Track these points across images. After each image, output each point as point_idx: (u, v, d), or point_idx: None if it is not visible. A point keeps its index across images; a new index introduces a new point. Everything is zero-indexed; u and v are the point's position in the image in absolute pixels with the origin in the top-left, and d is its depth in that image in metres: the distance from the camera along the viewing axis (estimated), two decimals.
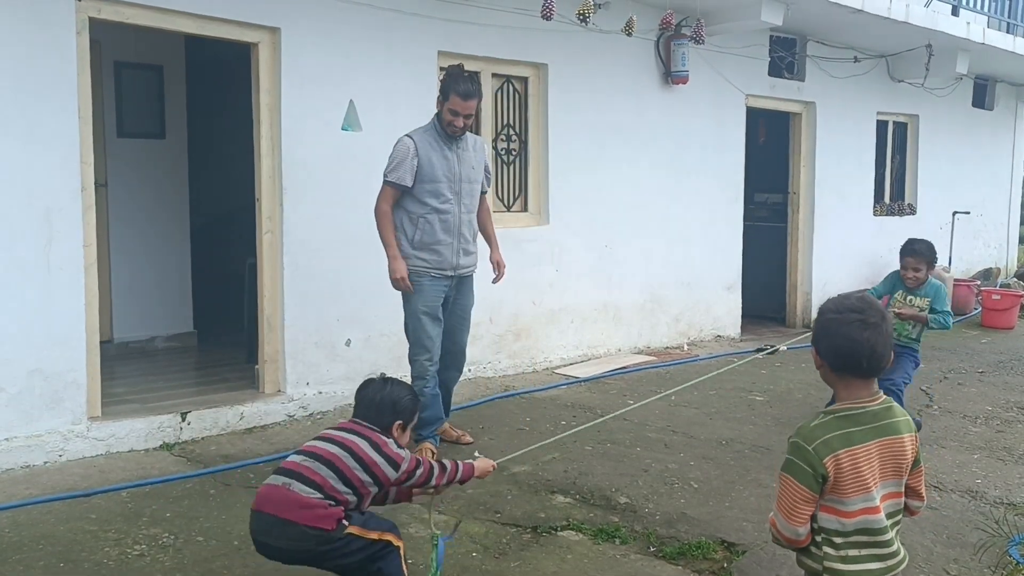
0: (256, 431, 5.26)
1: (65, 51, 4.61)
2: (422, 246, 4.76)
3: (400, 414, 3.10)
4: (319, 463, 2.90)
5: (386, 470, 2.95)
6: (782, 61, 8.72)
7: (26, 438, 4.53)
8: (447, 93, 4.70)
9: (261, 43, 5.40)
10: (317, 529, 2.80)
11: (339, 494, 2.86)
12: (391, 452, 2.98)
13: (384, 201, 4.78)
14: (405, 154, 4.70)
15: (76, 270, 4.70)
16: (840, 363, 2.26)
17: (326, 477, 2.86)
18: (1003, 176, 12.65)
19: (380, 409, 3.07)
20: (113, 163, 6.63)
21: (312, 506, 2.80)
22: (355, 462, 2.91)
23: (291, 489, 2.85)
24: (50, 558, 3.51)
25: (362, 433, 3.01)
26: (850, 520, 2.23)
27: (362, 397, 3.14)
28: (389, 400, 3.09)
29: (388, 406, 3.08)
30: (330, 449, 2.94)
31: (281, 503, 2.84)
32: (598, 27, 6.68)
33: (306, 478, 2.86)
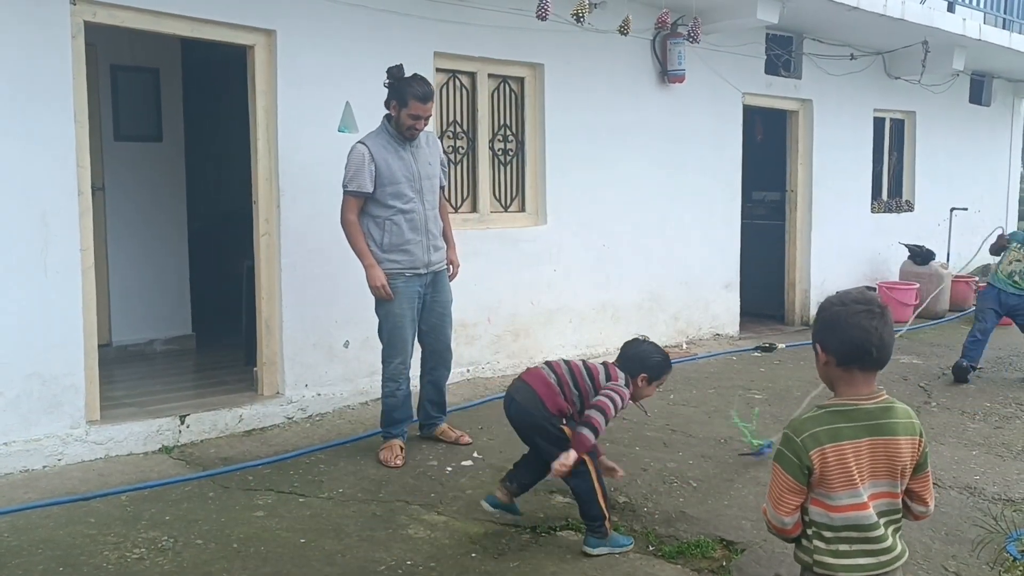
0: (255, 433, 5.27)
1: (61, 55, 4.61)
2: (392, 248, 4.78)
3: (647, 368, 3.83)
4: (568, 368, 3.83)
5: (601, 377, 3.79)
6: (779, 59, 8.72)
7: (24, 442, 4.53)
8: (404, 99, 4.70)
9: (257, 45, 5.40)
10: (544, 404, 3.72)
11: (570, 392, 3.77)
12: (615, 374, 3.81)
13: (349, 211, 4.76)
14: (361, 161, 4.70)
15: (73, 274, 4.69)
16: (849, 355, 2.25)
17: (567, 378, 3.79)
18: (1001, 172, 12.66)
19: (632, 360, 3.84)
20: (110, 166, 6.63)
21: (552, 388, 3.74)
22: (587, 374, 3.81)
23: (546, 375, 3.80)
24: (49, 562, 3.51)
25: (608, 365, 3.86)
26: (838, 515, 2.24)
27: (622, 351, 3.93)
28: (640, 355, 3.86)
29: (638, 359, 3.84)
30: (577, 363, 3.88)
31: (536, 379, 3.80)
32: (594, 27, 6.68)
33: (556, 373, 3.80)
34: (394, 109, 4.79)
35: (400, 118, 4.76)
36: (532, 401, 3.72)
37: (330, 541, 3.74)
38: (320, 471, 4.63)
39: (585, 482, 3.65)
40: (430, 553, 3.64)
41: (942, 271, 9.93)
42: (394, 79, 4.79)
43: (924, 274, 9.82)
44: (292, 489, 4.36)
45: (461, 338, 6.44)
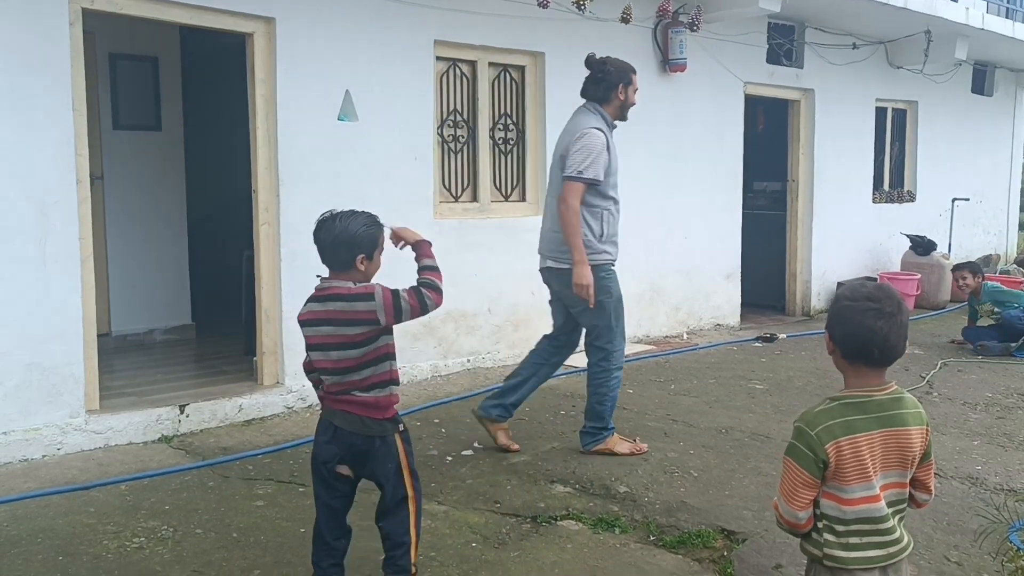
0: (255, 423, 5.26)
1: (59, 43, 4.58)
2: (607, 239, 4.56)
3: (360, 246, 2.96)
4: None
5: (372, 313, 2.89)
6: (780, 48, 8.68)
7: (24, 432, 4.53)
8: (628, 77, 4.63)
9: (256, 33, 5.36)
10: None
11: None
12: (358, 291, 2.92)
13: (575, 198, 4.40)
14: (601, 148, 4.45)
15: (72, 263, 4.68)
16: (852, 351, 2.26)
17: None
18: (1002, 162, 12.63)
19: (336, 249, 2.97)
20: (109, 155, 6.60)
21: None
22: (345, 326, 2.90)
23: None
24: (49, 551, 3.50)
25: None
26: (851, 508, 2.23)
27: (319, 241, 3.01)
28: (345, 237, 2.95)
29: (344, 244, 2.95)
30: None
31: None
32: (595, 15, 6.64)
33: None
34: (621, 92, 4.64)
35: (628, 98, 4.67)
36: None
37: None
38: None
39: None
40: (430, 543, 3.63)
41: (943, 261, 9.91)
42: (601, 66, 4.63)
43: (925, 264, 9.81)
44: (292, 478, 4.35)
45: (462, 328, 6.44)
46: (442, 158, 6.46)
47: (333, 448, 3.00)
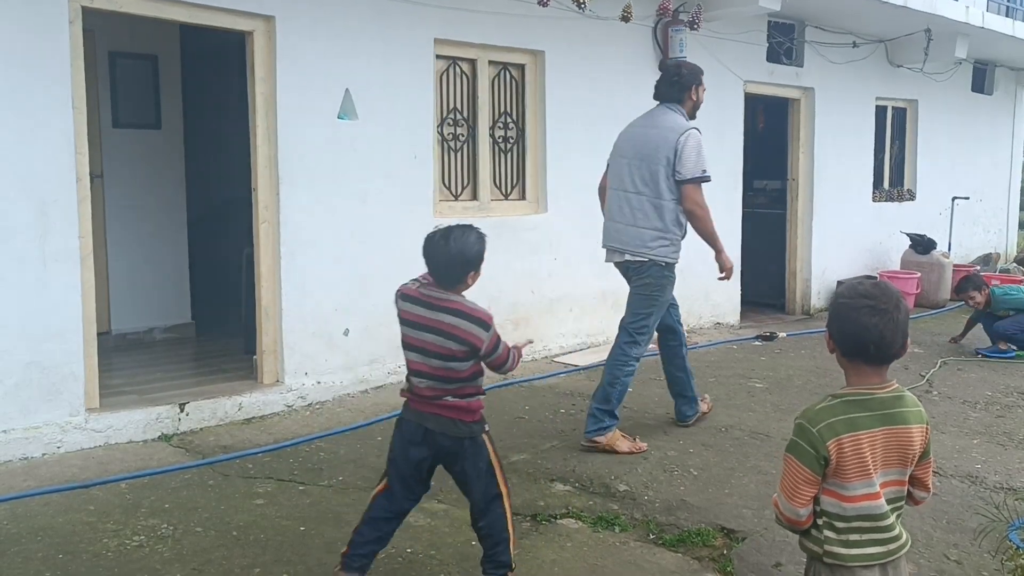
0: (255, 421, 5.26)
1: (58, 41, 4.58)
2: (683, 240, 4.87)
3: (472, 263, 3.06)
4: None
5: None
6: (780, 47, 8.68)
7: (24, 430, 4.52)
8: (699, 79, 5.01)
9: (256, 32, 5.36)
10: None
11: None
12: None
13: (703, 197, 4.76)
14: (703, 146, 4.77)
15: (72, 262, 4.68)
16: (850, 348, 2.27)
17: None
18: (1002, 161, 12.62)
19: (452, 267, 3.03)
20: (108, 154, 6.60)
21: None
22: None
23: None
24: (49, 550, 3.50)
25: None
26: (851, 505, 2.23)
27: (432, 260, 3.07)
28: (461, 257, 3.03)
29: (459, 263, 3.04)
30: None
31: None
32: (595, 13, 6.64)
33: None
34: (693, 93, 4.97)
35: (699, 98, 5.02)
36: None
37: (330, 529, 3.73)
38: (320, 459, 4.63)
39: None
40: (430, 541, 3.63)
41: (943, 260, 9.91)
42: (676, 70, 5.00)
43: (925, 263, 9.80)
44: (292, 477, 4.35)
45: None
46: (442, 156, 6.46)
47: (424, 450, 3.08)
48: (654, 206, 4.75)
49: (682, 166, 4.67)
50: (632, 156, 4.83)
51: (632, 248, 4.78)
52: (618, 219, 4.88)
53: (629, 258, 4.80)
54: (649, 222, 4.74)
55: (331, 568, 3.37)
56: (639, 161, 4.79)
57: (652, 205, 4.75)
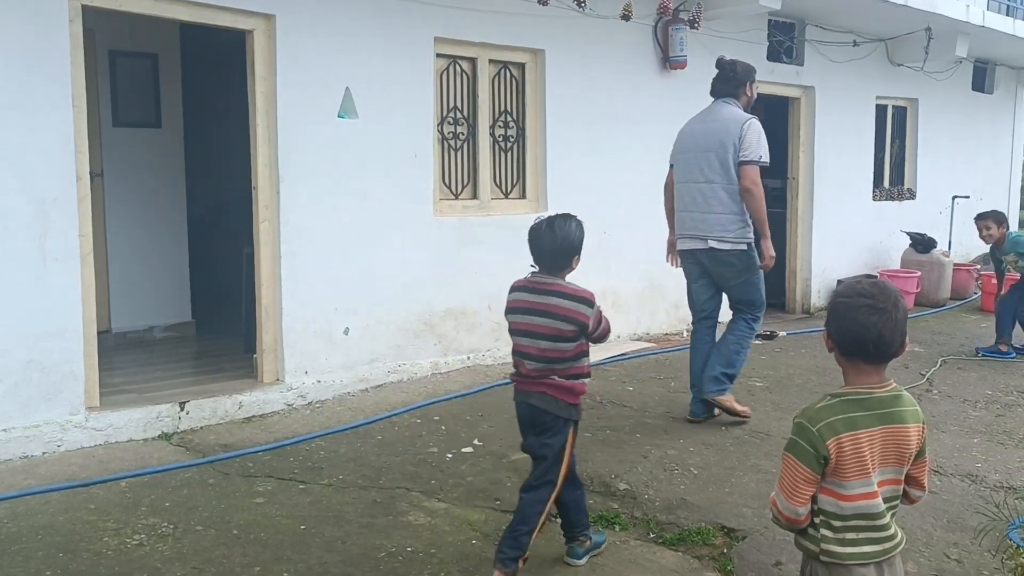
0: (255, 420, 5.26)
1: (58, 39, 4.57)
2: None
3: (576, 248, 3.33)
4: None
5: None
6: (781, 46, 8.67)
7: (24, 429, 4.52)
8: (752, 76, 5.39)
9: (256, 30, 5.36)
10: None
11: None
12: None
13: (760, 180, 5.00)
14: (763, 134, 5.07)
15: (72, 260, 4.67)
16: (848, 347, 2.27)
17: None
18: (1003, 160, 12.62)
19: (558, 253, 3.30)
20: (109, 152, 6.60)
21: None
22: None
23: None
24: (49, 548, 3.50)
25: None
26: (848, 504, 2.23)
27: (539, 247, 3.32)
28: (567, 243, 3.30)
29: (565, 249, 3.30)
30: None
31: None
32: (595, 12, 6.64)
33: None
34: (748, 89, 5.35)
35: (752, 94, 5.37)
36: None
37: (330, 528, 3.74)
38: (320, 458, 4.63)
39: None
40: (430, 540, 3.63)
41: (943, 259, 9.90)
42: (732, 67, 5.36)
43: (926, 262, 9.80)
44: (292, 476, 4.35)
45: (462, 325, 6.44)
46: (442, 155, 6.46)
47: (526, 423, 3.39)
48: (727, 192, 5.05)
49: (744, 149, 4.99)
50: (698, 149, 5.18)
51: (718, 235, 5.10)
52: (693, 208, 5.22)
53: (716, 245, 5.11)
54: (725, 207, 5.06)
55: (331, 566, 3.37)
56: (706, 153, 5.13)
57: (726, 192, 5.06)
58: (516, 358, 3.34)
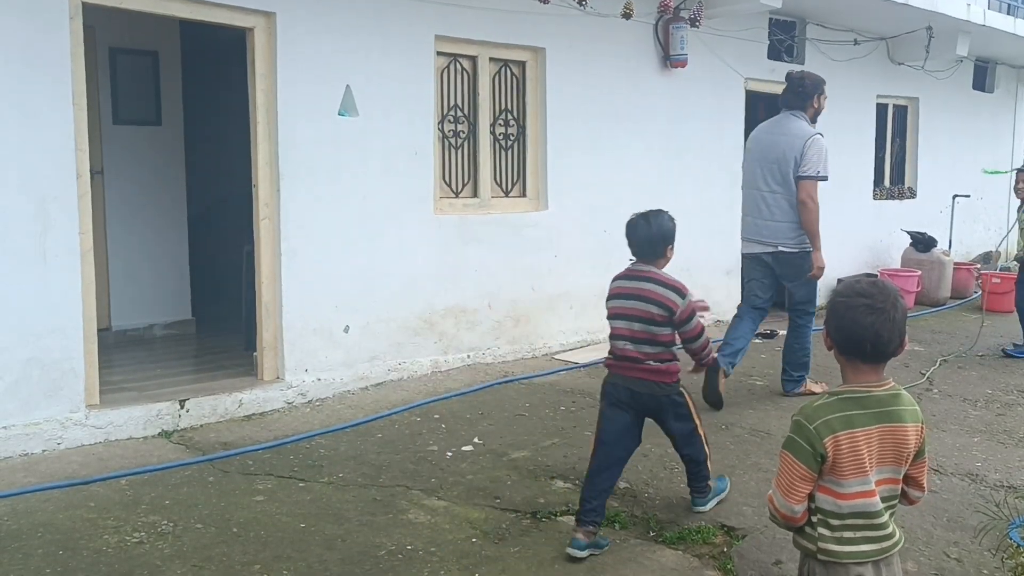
0: (255, 418, 5.26)
1: (59, 37, 4.57)
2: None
3: (669, 238, 3.70)
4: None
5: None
6: (781, 44, 8.67)
7: (24, 426, 4.52)
8: (820, 88, 5.68)
9: (256, 28, 5.35)
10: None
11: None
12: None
13: (816, 195, 5.45)
14: (826, 150, 5.49)
15: (72, 258, 4.67)
16: (846, 346, 2.28)
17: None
18: (1003, 159, 12.61)
19: (655, 243, 3.66)
20: (109, 150, 6.60)
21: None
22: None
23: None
24: (49, 546, 3.50)
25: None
26: (846, 503, 2.24)
27: (636, 238, 3.69)
28: (661, 233, 3.67)
29: (660, 238, 3.67)
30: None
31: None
32: (596, 10, 6.63)
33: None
34: (815, 101, 5.66)
35: (820, 105, 5.69)
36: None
37: (330, 526, 3.74)
38: (320, 456, 4.63)
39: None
40: (430, 538, 3.63)
41: (944, 258, 9.90)
42: (800, 80, 5.67)
43: (926, 261, 9.79)
44: (292, 474, 4.35)
45: (462, 323, 6.44)
46: (442, 153, 6.45)
47: (630, 410, 3.65)
48: (788, 203, 5.51)
49: (804, 165, 5.43)
50: (764, 160, 5.62)
51: (780, 241, 5.57)
52: (756, 215, 5.68)
53: (784, 249, 5.57)
54: (786, 216, 5.53)
55: (331, 564, 3.38)
56: (770, 164, 5.56)
57: (787, 202, 5.51)
58: (613, 342, 3.67)
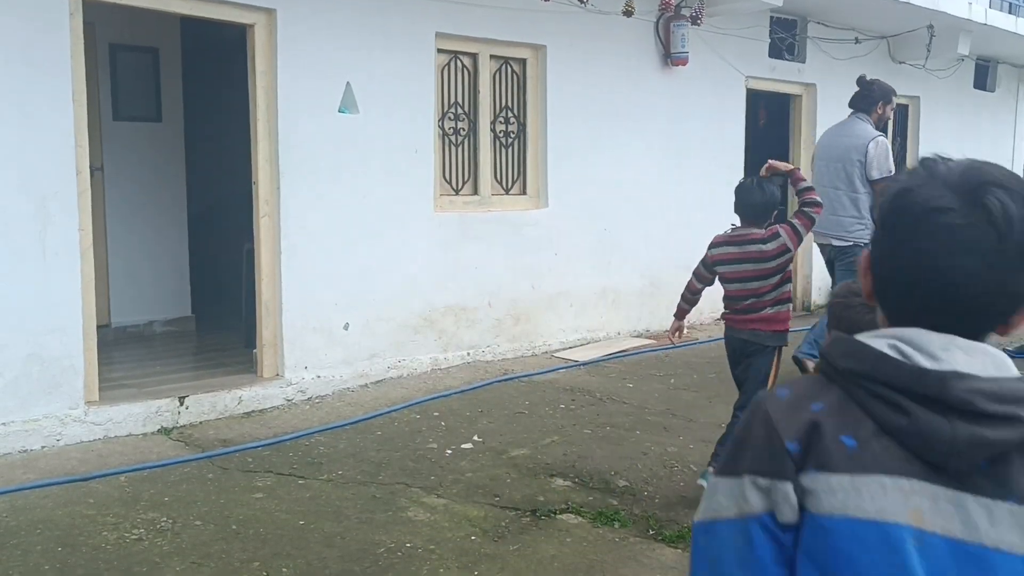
0: (254, 415, 5.25)
1: (59, 34, 4.56)
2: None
3: (775, 204, 4.17)
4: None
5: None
6: (782, 43, 8.66)
7: (23, 423, 4.52)
8: (889, 97, 6.18)
9: (257, 25, 5.35)
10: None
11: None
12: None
13: None
14: (888, 149, 6.01)
15: (72, 255, 4.67)
16: None
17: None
18: (1004, 158, 12.59)
19: (764, 208, 4.12)
20: (109, 147, 6.59)
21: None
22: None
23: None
24: (48, 542, 3.50)
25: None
26: None
27: (746, 202, 4.14)
28: (770, 199, 4.14)
29: (766, 204, 4.13)
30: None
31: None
32: (597, 8, 6.62)
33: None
34: (880, 108, 6.13)
35: (884, 113, 6.17)
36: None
37: (329, 523, 3.73)
38: (319, 453, 4.62)
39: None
40: (430, 536, 3.63)
41: None
42: (869, 86, 6.11)
43: None
44: (291, 471, 4.35)
45: (462, 321, 6.43)
46: (443, 151, 6.45)
47: (736, 355, 4.16)
48: (851, 199, 5.94)
49: (872, 168, 5.87)
50: (830, 159, 6.07)
51: (836, 234, 5.99)
52: (825, 210, 6.25)
53: (835, 243, 6.02)
54: (847, 212, 5.96)
55: (330, 562, 3.37)
56: (836, 163, 6.02)
57: (849, 199, 5.95)
58: (728, 302, 4.16)
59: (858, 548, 1.06)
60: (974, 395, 1.08)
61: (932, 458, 1.07)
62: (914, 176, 1.27)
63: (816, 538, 1.08)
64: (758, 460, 1.13)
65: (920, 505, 1.07)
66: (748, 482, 1.13)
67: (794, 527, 1.10)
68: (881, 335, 1.18)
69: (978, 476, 1.08)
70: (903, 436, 1.08)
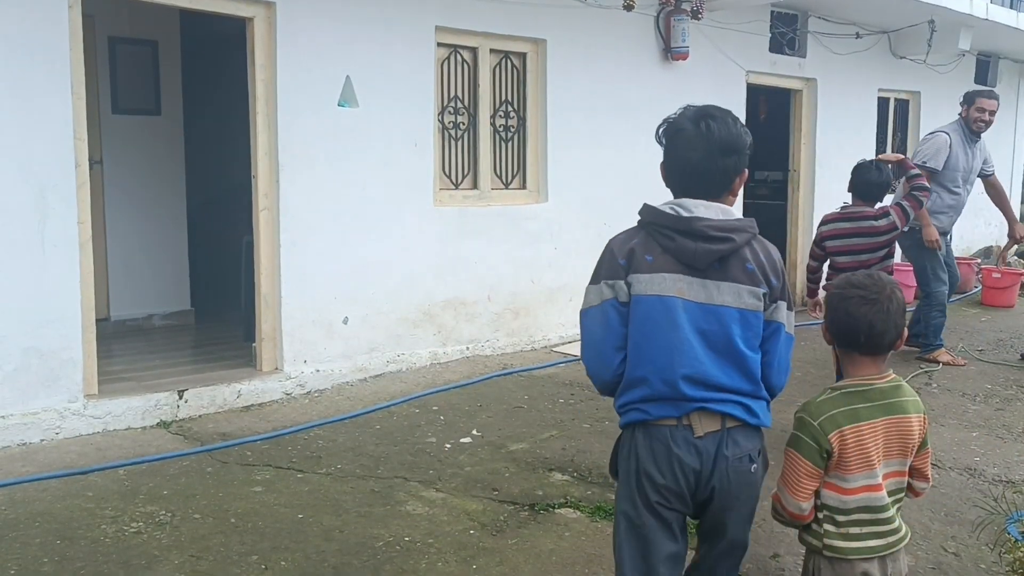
0: (253, 409, 5.25)
1: (58, 26, 4.55)
2: (933, 212, 6.51)
3: (886, 186, 4.83)
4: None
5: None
6: (783, 37, 8.64)
7: (22, 416, 4.52)
8: (971, 100, 6.93)
9: (256, 18, 5.33)
10: None
11: None
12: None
13: (926, 182, 5.97)
14: (942, 145, 6.65)
15: (71, 248, 4.66)
16: (841, 338, 2.31)
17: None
18: (1004, 154, 12.58)
19: (880, 187, 4.80)
20: (108, 140, 6.58)
21: None
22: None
23: None
24: (47, 535, 3.50)
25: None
26: (851, 497, 2.23)
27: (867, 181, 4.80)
28: (888, 179, 4.86)
29: (881, 184, 4.80)
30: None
31: None
32: (597, 2, 6.61)
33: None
34: (964, 111, 6.91)
35: (969, 115, 6.86)
36: None
37: (328, 517, 3.74)
38: (318, 447, 4.63)
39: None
40: (428, 530, 3.63)
41: None
42: (966, 94, 6.97)
43: None
44: (290, 465, 4.35)
45: (461, 316, 6.43)
46: (442, 145, 6.44)
47: None
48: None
49: (915, 156, 6.57)
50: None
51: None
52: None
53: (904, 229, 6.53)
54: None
55: (329, 555, 3.38)
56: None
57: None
58: (834, 274, 4.65)
59: (653, 309, 2.22)
60: (707, 228, 2.22)
61: (687, 261, 2.23)
62: (677, 117, 2.46)
63: (636, 306, 2.24)
64: (607, 271, 2.29)
65: (682, 287, 2.22)
66: (604, 284, 2.28)
67: (627, 304, 2.26)
68: (666, 203, 2.37)
69: (711, 270, 2.22)
70: (673, 252, 2.24)
